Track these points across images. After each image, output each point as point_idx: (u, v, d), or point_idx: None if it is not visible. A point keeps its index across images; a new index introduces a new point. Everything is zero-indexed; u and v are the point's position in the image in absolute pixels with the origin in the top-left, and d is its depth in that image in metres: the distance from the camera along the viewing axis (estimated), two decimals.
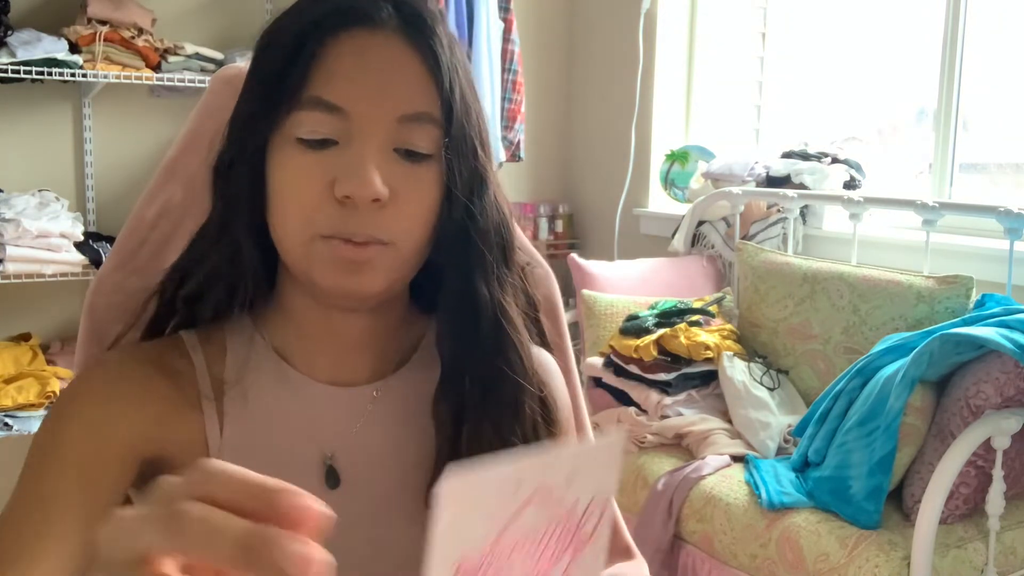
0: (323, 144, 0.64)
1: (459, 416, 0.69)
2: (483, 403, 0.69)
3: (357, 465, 0.70)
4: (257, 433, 0.69)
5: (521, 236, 0.80)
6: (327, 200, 0.64)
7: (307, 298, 0.71)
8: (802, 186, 2.77)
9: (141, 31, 2.75)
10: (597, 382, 2.54)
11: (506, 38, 3.20)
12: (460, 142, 0.67)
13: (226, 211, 0.70)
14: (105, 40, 2.67)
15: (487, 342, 0.70)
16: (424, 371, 0.74)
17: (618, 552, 0.86)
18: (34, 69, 2.56)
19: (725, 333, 2.48)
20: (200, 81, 2.81)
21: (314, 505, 0.34)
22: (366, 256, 0.64)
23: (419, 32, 0.67)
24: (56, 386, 2.57)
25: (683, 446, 2.29)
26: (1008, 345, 1.69)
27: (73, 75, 2.64)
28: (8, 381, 2.57)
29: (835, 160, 2.83)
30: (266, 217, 0.68)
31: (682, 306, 2.55)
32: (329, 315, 0.71)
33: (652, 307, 2.58)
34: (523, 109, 3.27)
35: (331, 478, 0.69)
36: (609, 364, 2.49)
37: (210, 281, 0.71)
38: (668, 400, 2.36)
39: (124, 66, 2.72)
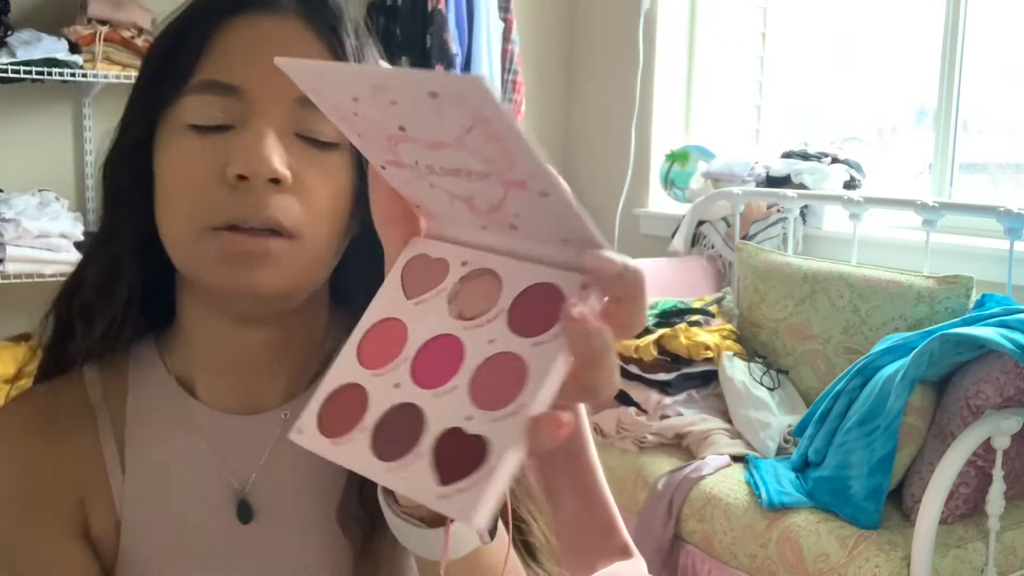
0: (217, 129, 0.58)
1: None
2: None
3: (271, 495, 0.65)
4: (160, 476, 0.64)
5: None
6: (218, 186, 0.57)
7: (206, 313, 0.64)
8: (802, 186, 2.77)
9: (141, 31, 2.75)
10: None
11: (506, 38, 3.20)
12: None
13: (110, 218, 0.64)
14: (105, 40, 2.67)
15: None
16: None
17: (616, 551, 0.85)
18: (34, 69, 2.55)
19: (725, 333, 2.48)
20: None
21: None
22: (262, 247, 0.57)
23: (321, 15, 0.61)
24: None
25: (683, 446, 2.29)
26: (1008, 345, 1.69)
27: (73, 75, 2.64)
28: (8, 381, 2.56)
29: (835, 160, 2.83)
30: (156, 220, 0.61)
31: (682, 306, 2.55)
32: (231, 330, 0.63)
33: (652, 307, 2.58)
34: (523, 109, 3.27)
35: (243, 513, 0.64)
36: None
37: (98, 300, 0.65)
38: (668, 400, 2.36)
39: (124, 66, 2.71)
